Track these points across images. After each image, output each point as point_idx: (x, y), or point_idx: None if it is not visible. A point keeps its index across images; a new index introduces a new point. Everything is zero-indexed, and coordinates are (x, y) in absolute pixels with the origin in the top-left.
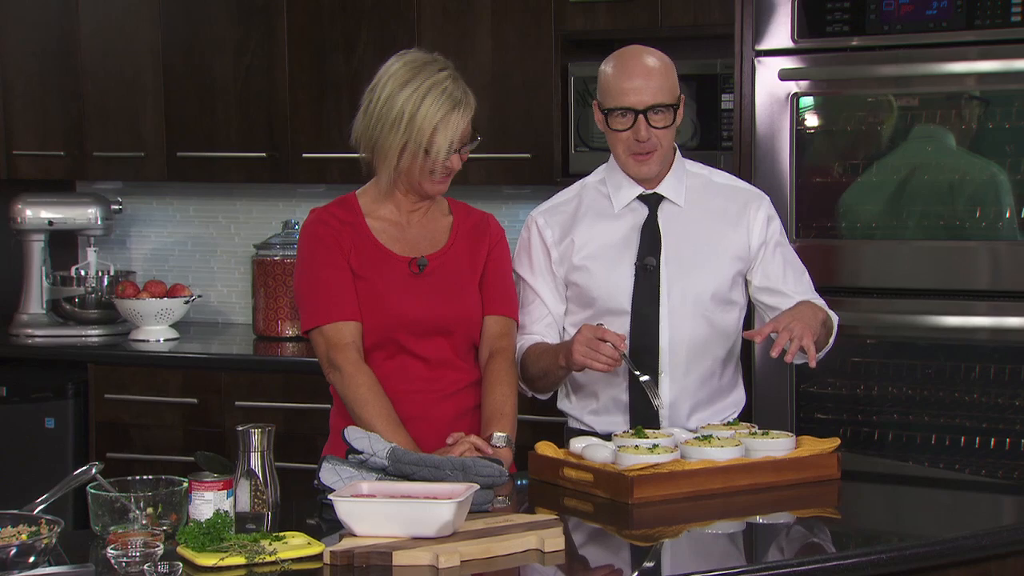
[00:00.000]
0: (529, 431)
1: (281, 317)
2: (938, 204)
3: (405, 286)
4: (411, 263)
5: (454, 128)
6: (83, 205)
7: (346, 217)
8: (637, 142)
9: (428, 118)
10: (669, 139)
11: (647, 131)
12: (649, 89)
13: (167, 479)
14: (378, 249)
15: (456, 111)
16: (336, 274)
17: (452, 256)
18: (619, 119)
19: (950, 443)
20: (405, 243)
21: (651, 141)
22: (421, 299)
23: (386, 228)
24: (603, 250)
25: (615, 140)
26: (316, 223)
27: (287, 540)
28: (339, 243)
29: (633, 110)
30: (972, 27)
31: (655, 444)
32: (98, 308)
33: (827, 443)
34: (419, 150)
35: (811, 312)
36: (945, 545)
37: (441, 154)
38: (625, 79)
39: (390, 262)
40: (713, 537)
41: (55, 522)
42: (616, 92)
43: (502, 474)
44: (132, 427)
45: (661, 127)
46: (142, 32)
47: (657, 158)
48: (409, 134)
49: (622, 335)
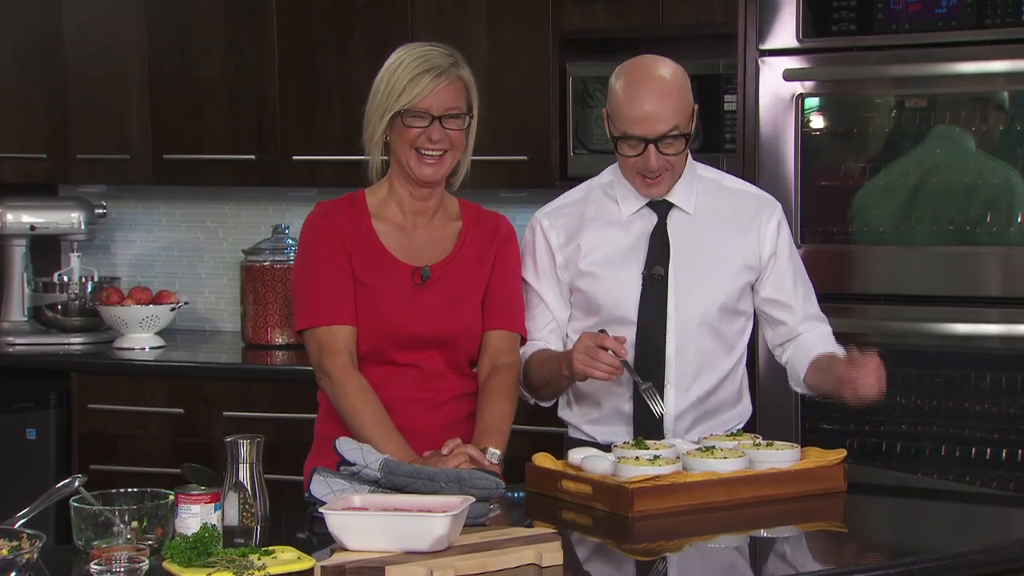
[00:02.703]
0: (527, 442)
1: (270, 325)
2: (954, 208)
3: (405, 298)
4: (414, 273)
5: (428, 89)
6: (66, 209)
7: (352, 215)
8: (647, 168)
9: (400, 78)
10: (681, 160)
11: (657, 160)
12: (661, 117)
13: (152, 492)
14: (382, 254)
15: (431, 74)
16: (335, 274)
17: (456, 265)
18: (628, 147)
19: (960, 454)
20: (410, 249)
21: (661, 166)
22: (419, 313)
23: (391, 232)
24: (610, 257)
25: (623, 163)
26: (321, 217)
27: (276, 555)
28: (342, 241)
29: (644, 139)
30: (982, 26)
31: (656, 455)
32: (81, 315)
33: (833, 454)
34: (394, 116)
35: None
36: (955, 560)
37: (422, 119)
38: (635, 106)
39: (393, 269)
40: (716, 551)
41: (37, 537)
42: (626, 119)
43: (498, 487)
44: (116, 438)
45: (672, 154)
46: (127, 31)
47: (667, 180)
48: (385, 99)
49: (622, 338)
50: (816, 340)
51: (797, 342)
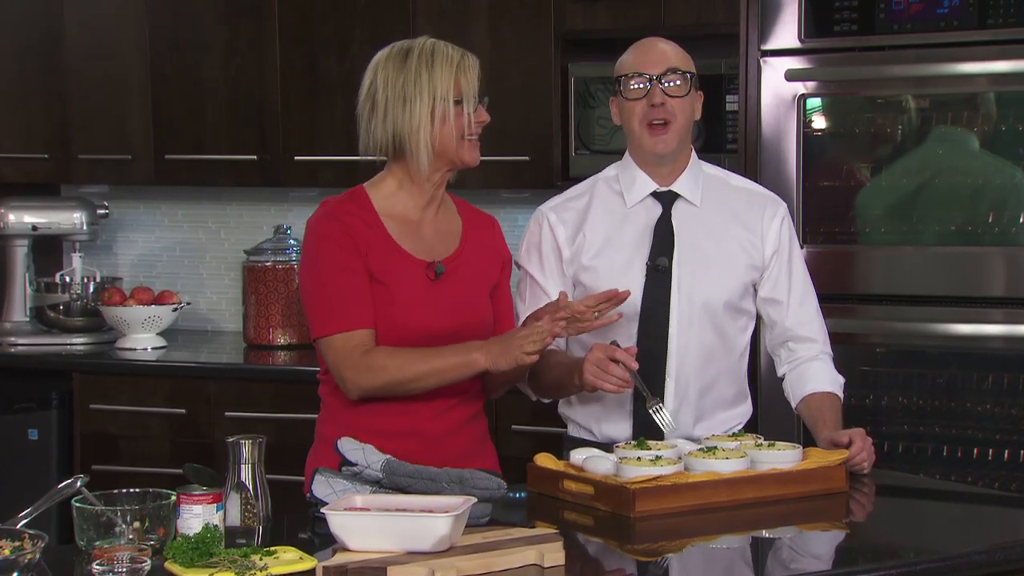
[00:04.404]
0: (528, 442)
1: (272, 325)
2: (957, 208)
3: (420, 294)
4: (428, 268)
5: (471, 71)
6: (68, 209)
7: (361, 215)
8: (651, 108)
9: (446, 67)
10: (686, 115)
11: (661, 96)
12: (664, 59)
13: (154, 492)
14: (396, 251)
15: (466, 57)
16: (350, 278)
17: (464, 260)
18: (633, 87)
19: (962, 455)
20: (421, 244)
21: (666, 108)
22: (434, 309)
23: (401, 228)
24: (614, 249)
25: (630, 113)
26: (327, 219)
27: (278, 555)
28: (355, 243)
29: (647, 75)
30: (984, 26)
31: (658, 456)
32: (83, 316)
33: (835, 455)
34: (448, 106)
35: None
36: (957, 560)
37: (471, 100)
38: (640, 54)
39: (408, 266)
40: (718, 552)
41: (39, 537)
42: (630, 64)
43: (500, 487)
44: (118, 438)
45: (676, 96)
46: (129, 31)
47: (674, 132)
48: (434, 92)
49: (633, 349)
50: (814, 374)
51: (795, 367)
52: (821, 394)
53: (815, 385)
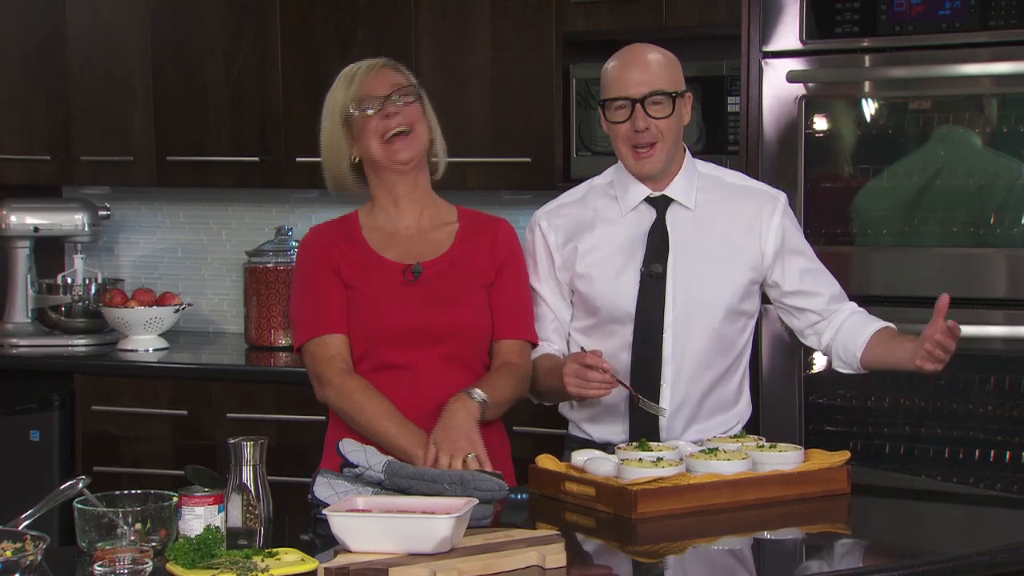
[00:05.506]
0: (529, 443)
1: (274, 326)
2: (961, 209)
3: (396, 294)
4: (405, 271)
5: (372, 73)
6: (69, 211)
7: (340, 229)
8: (635, 133)
9: (343, 84)
10: (672, 133)
11: (644, 121)
12: (646, 78)
13: (156, 493)
14: (371, 257)
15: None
16: (323, 287)
17: (454, 263)
18: (617, 110)
19: (963, 456)
20: (402, 250)
21: (650, 132)
22: (411, 308)
23: (382, 236)
24: (608, 256)
25: (615, 135)
26: (308, 239)
27: (280, 556)
28: (328, 256)
29: (630, 99)
30: (986, 28)
31: (659, 457)
32: (85, 317)
33: (836, 456)
34: (354, 110)
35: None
36: (959, 562)
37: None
38: (623, 70)
39: (383, 269)
40: (719, 553)
41: (40, 538)
42: (613, 83)
43: (502, 488)
44: (120, 440)
45: (659, 117)
46: (130, 32)
47: (659, 152)
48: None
49: (598, 352)
50: (862, 320)
51: (838, 325)
52: (880, 330)
53: (872, 328)
